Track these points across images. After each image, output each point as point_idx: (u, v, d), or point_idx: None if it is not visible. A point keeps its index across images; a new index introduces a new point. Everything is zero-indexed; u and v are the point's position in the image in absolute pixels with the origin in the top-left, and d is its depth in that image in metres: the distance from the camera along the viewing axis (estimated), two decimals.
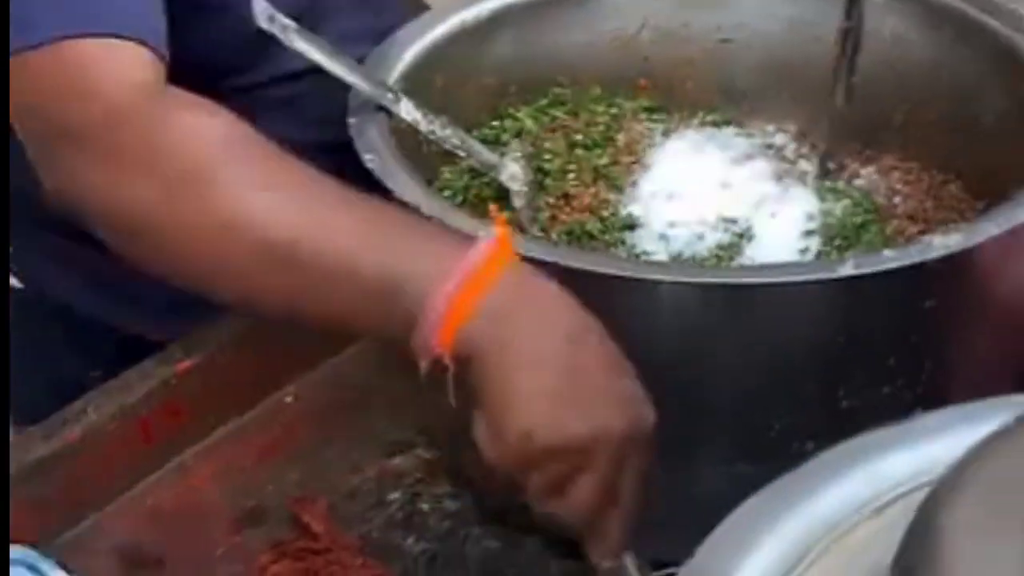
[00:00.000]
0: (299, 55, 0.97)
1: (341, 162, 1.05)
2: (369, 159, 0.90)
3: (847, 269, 0.78)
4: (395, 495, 1.01)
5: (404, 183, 0.89)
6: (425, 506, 1.01)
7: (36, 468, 0.96)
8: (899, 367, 0.85)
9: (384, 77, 1.00)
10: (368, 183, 0.90)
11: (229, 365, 1.07)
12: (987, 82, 1.04)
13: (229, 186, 0.79)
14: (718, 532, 0.47)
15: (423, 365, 0.76)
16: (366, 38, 1.12)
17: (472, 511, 0.99)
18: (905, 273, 0.79)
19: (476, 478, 0.96)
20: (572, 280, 0.82)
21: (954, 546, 0.35)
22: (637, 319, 0.83)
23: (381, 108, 0.96)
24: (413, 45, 1.04)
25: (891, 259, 0.79)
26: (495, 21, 1.10)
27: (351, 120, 0.95)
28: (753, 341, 0.83)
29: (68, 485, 0.98)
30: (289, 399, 1.10)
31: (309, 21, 1.05)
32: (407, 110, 0.97)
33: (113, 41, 0.81)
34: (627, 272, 0.82)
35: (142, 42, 0.83)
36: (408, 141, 0.98)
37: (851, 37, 1.04)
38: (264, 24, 0.89)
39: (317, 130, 1.09)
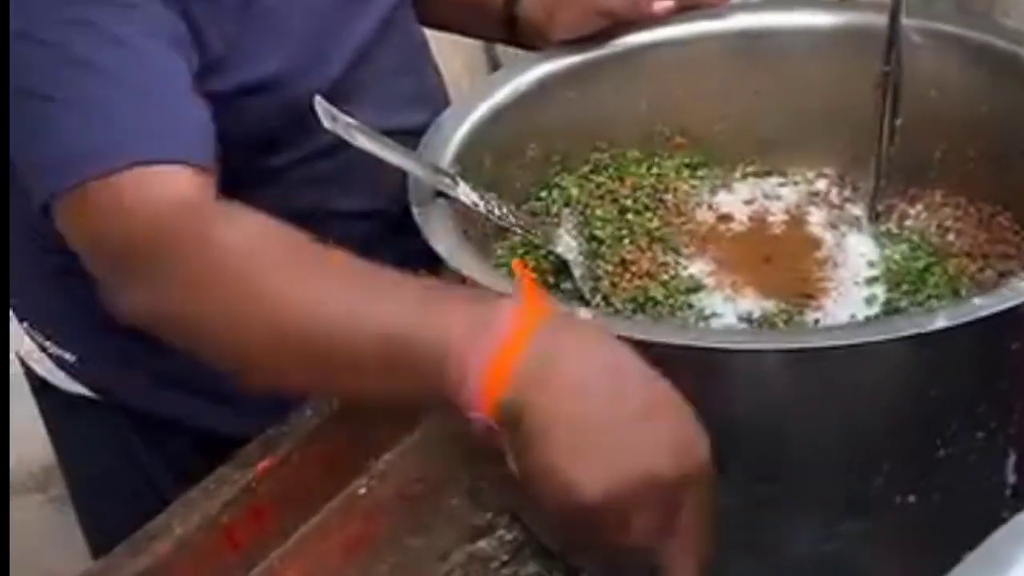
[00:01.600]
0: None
1: (390, 226, 1.07)
2: (441, 249, 0.90)
3: (940, 322, 0.78)
4: None
5: (476, 269, 0.89)
6: None
7: None
8: (990, 412, 0.85)
9: (438, 162, 1.00)
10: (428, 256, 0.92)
11: (303, 462, 1.06)
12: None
13: (275, 294, 0.81)
14: None
15: (475, 431, 0.76)
16: (413, 101, 1.15)
17: None
18: (993, 319, 0.80)
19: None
20: (664, 354, 0.82)
21: None
22: (735, 388, 0.83)
23: (441, 193, 0.97)
24: (460, 127, 1.05)
25: (981, 307, 0.79)
26: (533, 95, 1.10)
27: (415, 208, 0.95)
28: (848, 401, 0.83)
29: None
30: (362, 491, 1.10)
31: (357, 91, 1.08)
32: (465, 193, 0.97)
33: (156, 168, 0.87)
34: (721, 343, 0.82)
35: (183, 161, 0.88)
36: (464, 221, 0.98)
37: (891, 81, 1.05)
38: (328, 124, 0.90)
39: (364, 199, 1.12)
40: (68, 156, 0.88)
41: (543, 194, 1.12)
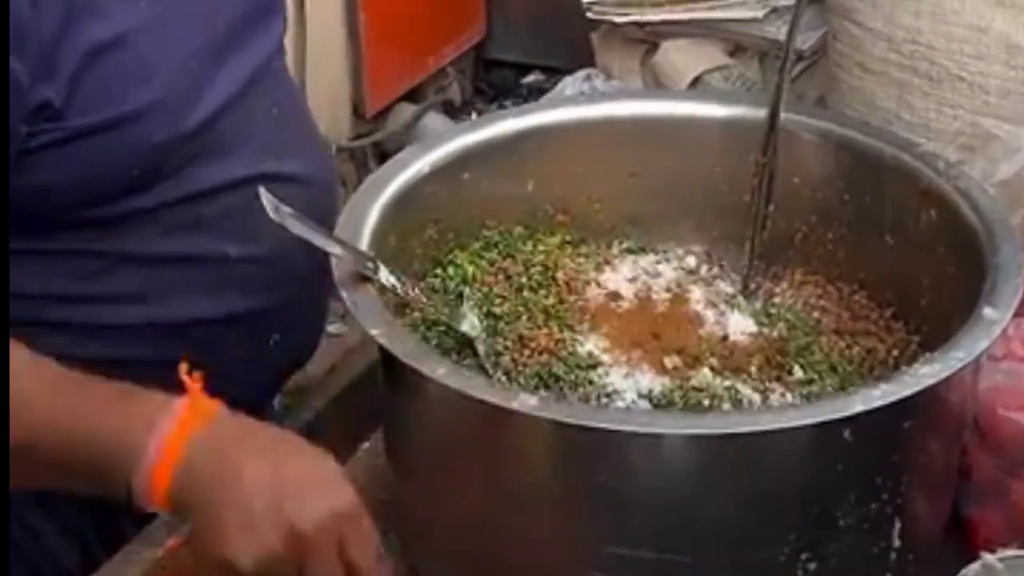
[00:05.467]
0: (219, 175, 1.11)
1: (270, 272, 1.13)
2: (377, 334, 0.94)
3: (855, 407, 0.86)
4: None
5: (413, 352, 0.93)
6: None
7: None
8: (883, 484, 0.94)
9: (356, 240, 1.03)
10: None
11: None
12: (888, 202, 1.15)
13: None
14: None
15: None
16: (290, 149, 1.19)
17: None
18: (895, 403, 0.88)
19: None
20: (575, 436, 0.88)
21: None
22: (653, 471, 0.89)
23: (362, 275, 1.00)
24: (371, 209, 1.08)
25: (891, 393, 0.88)
26: (432, 178, 1.14)
27: (344, 293, 0.98)
28: (761, 480, 0.90)
29: None
30: None
31: (231, 137, 1.12)
32: (385, 277, 1.01)
33: None
34: (645, 427, 0.88)
35: None
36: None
37: (767, 171, 1.14)
38: (272, 215, 0.92)
39: (248, 244, 1.15)
40: None
41: (439, 271, 1.16)
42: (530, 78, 3.46)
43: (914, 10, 1.22)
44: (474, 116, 3.26)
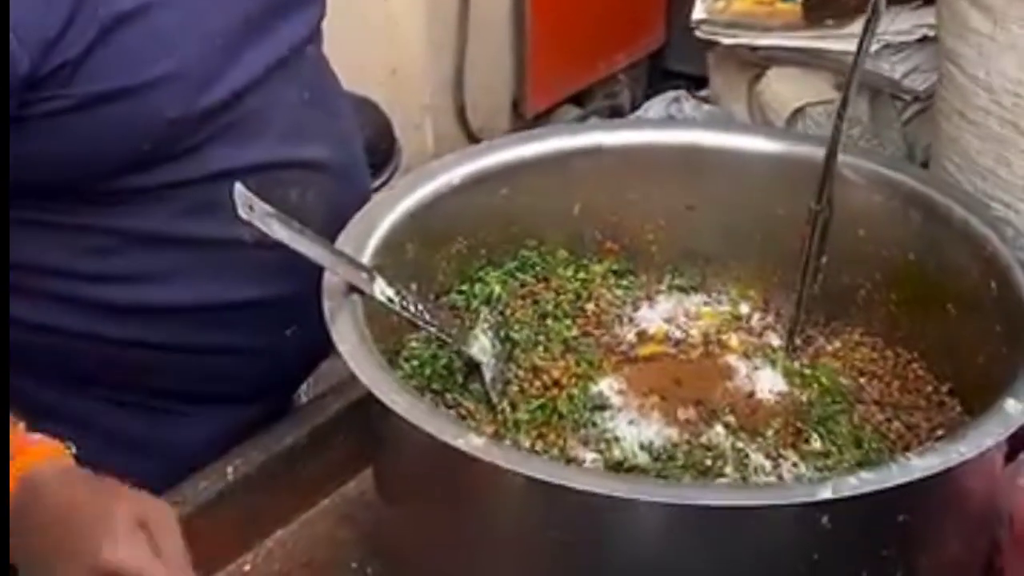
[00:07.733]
0: (237, 157, 1.05)
1: (286, 259, 1.00)
2: (343, 349, 0.89)
3: (825, 493, 0.78)
4: None
5: (374, 378, 0.88)
6: None
7: None
8: None
9: (361, 247, 0.99)
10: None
11: (191, 533, 1.04)
12: (952, 267, 1.05)
13: None
14: None
15: None
16: (319, 136, 1.13)
17: None
18: (880, 493, 0.79)
19: None
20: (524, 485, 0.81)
21: None
22: (605, 533, 0.82)
23: (355, 287, 0.96)
24: (386, 216, 1.04)
25: (869, 482, 0.79)
26: (465, 188, 1.09)
27: (326, 303, 0.94)
28: (729, 559, 0.82)
29: None
30: (247, 567, 1.08)
31: (253, 118, 1.07)
32: (380, 290, 0.96)
33: None
34: (612, 491, 0.80)
35: None
36: (379, 313, 0.97)
37: (820, 220, 1.05)
38: (243, 213, 0.88)
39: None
40: None
41: (464, 287, 1.11)
42: (705, 92, 3.37)
43: (1018, 61, 1.11)
44: None
